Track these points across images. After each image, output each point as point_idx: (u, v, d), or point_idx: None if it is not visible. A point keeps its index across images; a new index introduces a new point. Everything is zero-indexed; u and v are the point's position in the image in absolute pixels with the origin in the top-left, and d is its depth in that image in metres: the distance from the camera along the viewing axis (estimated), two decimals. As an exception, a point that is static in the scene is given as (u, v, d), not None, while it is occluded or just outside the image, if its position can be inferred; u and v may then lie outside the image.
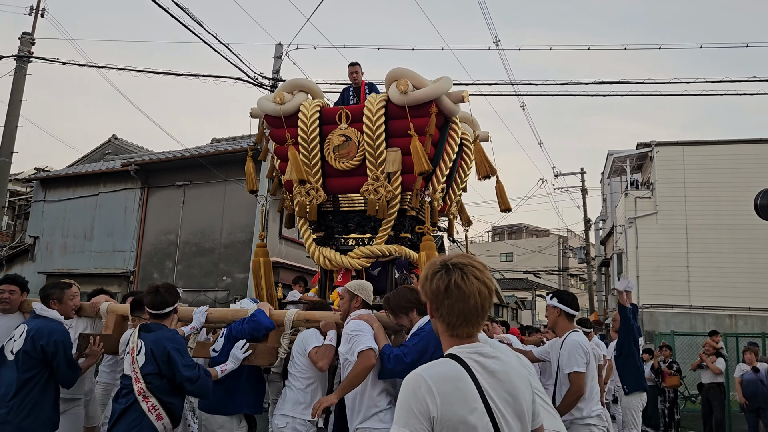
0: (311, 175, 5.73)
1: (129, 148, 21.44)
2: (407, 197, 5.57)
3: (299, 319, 4.11)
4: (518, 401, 1.67)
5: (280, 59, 11.89)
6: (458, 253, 1.84)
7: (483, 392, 1.61)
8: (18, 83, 10.89)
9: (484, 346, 1.73)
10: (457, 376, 1.62)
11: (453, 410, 1.56)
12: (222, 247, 14.64)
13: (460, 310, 1.69)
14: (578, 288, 48.78)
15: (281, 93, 5.93)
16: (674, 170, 19.17)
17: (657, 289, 18.47)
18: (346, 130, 5.64)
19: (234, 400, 3.93)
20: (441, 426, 1.56)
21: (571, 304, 4.08)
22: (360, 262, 5.53)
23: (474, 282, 1.70)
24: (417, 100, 5.36)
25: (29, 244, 17.75)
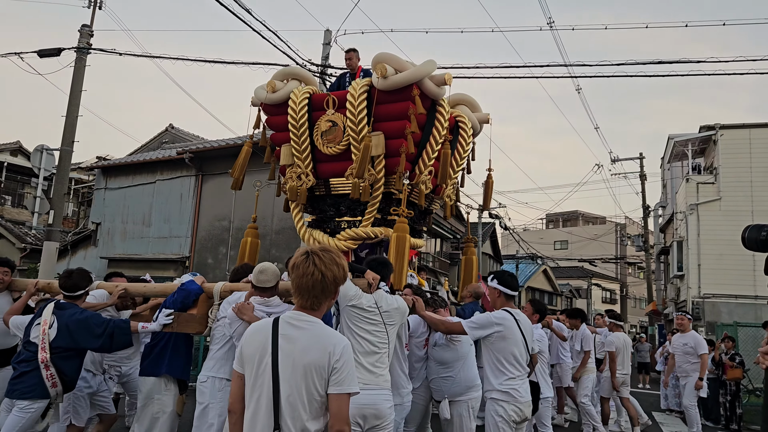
0: (301, 160, 5.91)
1: (185, 137, 21.98)
2: (392, 180, 5.62)
3: (226, 290, 4.29)
4: (300, 358, 2.12)
5: (329, 45, 11.89)
6: (322, 245, 2.35)
7: (275, 340, 2.16)
8: (78, 74, 11.26)
9: (304, 316, 2.21)
10: (261, 328, 2.24)
11: (249, 347, 2.21)
12: (273, 233, 14.86)
13: (297, 284, 2.20)
14: (636, 277, 47.44)
15: (273, 81, 6.14)
16: (740, 154, 18.28)
17: (720, 278, 17.71)
18: (333, 115, 5.81)
19: (162, 363, 4.29)
20: (244, 357, 2.21)
21: (509, 285, 4.17)
22: (347, 244, 5.67)
23: (310, 266, 2.17)
24: (397, 84, 5.46)
25: (92, 230, 18.47)
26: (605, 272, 45.55)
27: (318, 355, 2.12)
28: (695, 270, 18.39)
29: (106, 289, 4.85)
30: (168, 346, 4.33)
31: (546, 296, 40.32)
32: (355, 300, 3.63)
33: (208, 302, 4.35)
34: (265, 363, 2.14)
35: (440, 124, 5.90)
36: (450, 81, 5.74)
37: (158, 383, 4.28)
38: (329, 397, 2.12)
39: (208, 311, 4.31)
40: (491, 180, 6.65)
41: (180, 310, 4.26)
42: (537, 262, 37.40)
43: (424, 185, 5.89)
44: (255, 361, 2.16)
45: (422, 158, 5.86)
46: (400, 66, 5.53)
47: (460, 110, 6.43)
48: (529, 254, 34.25)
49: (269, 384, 2.11)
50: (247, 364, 2.19)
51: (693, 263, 18.46)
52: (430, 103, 5.84)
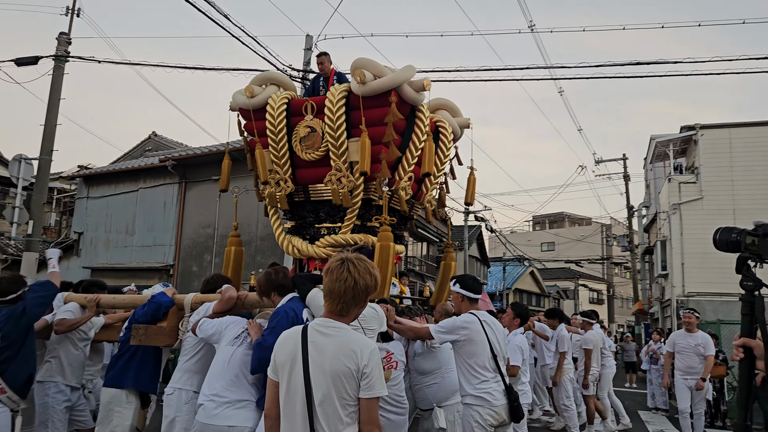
0: (280, 166, 5.85)
1: (168, 145, 21.84)
2: (372, 186, 5.60)
3: (197, 302, 4.22)
4: (329, 365, 2.18)
5: (310, 51, 11.87)
6: (357, 255, 2.34)
7: (305, 348, 2.22)
8: (56, 82, 11.14)
9: (331, 322, 2.26)
10: (291, 336, 2.31)
11: (281, 355, 2.29)
12: (258, 240, 14.78)
13: (329, 289, 2.24)
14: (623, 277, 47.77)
15: (251, 87, 6.06)
16: (720, 153, 18.48)
17: (703, 277, 17.86)
18: (312, 121, 5.75)
19: (127, 375, 4.20)
20: (276, 365, 2.30)
21: (472, 288, 4.14)
22: (326, 251, 5.62)
23: (344, 273, 2.22)
24: (375, 90, 5.42)
25: (74, 239, 18.27)
26: (592, 273, 45.84)
27: (347, 361, 2.18)
28: (679, 269, 18.54)
29: (77, 301, 4.76)
30: (135, 357, 4.24)
31: (534, 298, 40.50)
32: None
33: (179, 314, 4.27)
34: (296, 370, 2.21)
35: (420, 129, 5.88)
36: (429, 86, 5.72)
37: (119, 395, 4.19)
38: (360, 402, 2.19)
39: (179, 323, 4.22)
40: (473, 177, 6.62)
41: (150, 322, 4.17)
42: (524, 264, 37.56)
43: (404, 191, 5.85)
44: (287, 369, 2.24)
45: (402, 164, 5.83)
46: (379, 71, 5.50)
47: (440, 115, 6.41)
48: (516, 256, 34.39)
49: (302, 391, 2.18)
50: (280, 371, 2.27)
51: (677, 262, 18.61)
52: (410, 109, 5.82)
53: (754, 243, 2.22)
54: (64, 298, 4.82)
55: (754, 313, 2.20)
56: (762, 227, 2.21)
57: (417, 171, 6.09)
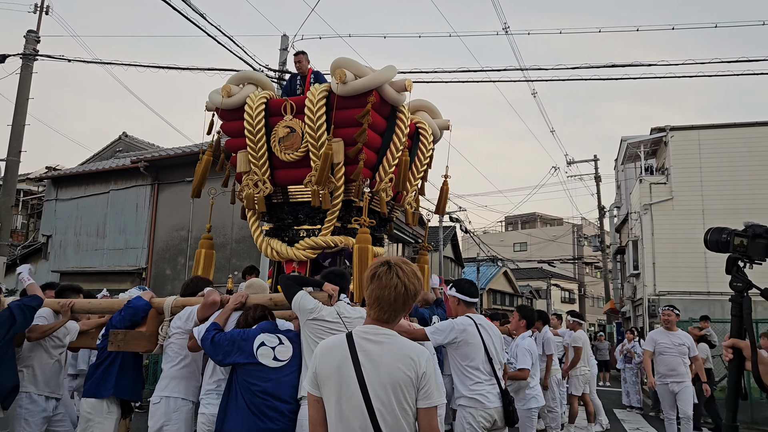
0: (258, 167, 5.78)
1: (139, 146, 21.47)
2: (352, 188, 5.56)
3: (177, 305, 4.12)
4: (388, 375, 2.03)
5: (286, 51, 11.78)
6: (401, 257, 2.26)
7: (355, 358, 2.06)
8: (24, 82, 10.86)
9: (379, 329, 2.12)
10: (336, 345, 2.13)
11: (325, 367, 2.09)
12: (234, 242, 14.60)
13: (377, 296, 2.10)
14: (594, 276, 48.44)
15: (228, 86, 5.96)
16: (690, 155, 18.86)
17: (674, 275, 18.22)
18: (291, 121, 5.67)
19: (107, 383, 4.07)
20: (319, 378, 2.10)
21: (468, 292, 4.19)
22: (306, 253, 5.55)
23: (393, 278, 2.09)
24: (356, 90, 5.37)
25: (42, 242, 17.83)
26: (564, 273, 46.40)
27: (406, 369, 2.05)
28: (650, 268, 18.86)
29: (50, 306, 4.56)
30: (114, 364, 4.11)
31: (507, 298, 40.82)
32: (316, 313, 3.52)
33: (158, 318, 4.13)
34: (347, 382, 2.05)
35: (400, 130, 5.85)
36: (410, 87, 5.69)
37: (99, 405, 4.06)
38: (419, 412, 2.06)
39: (158, 328, 4.09)
40: (446, 186, 6.65)
41: (128, 327, 4.04)
42: (497, 264, 37.83)
43: (385, 193, 5.82)
44: (335, 382, 2.06)
45: (382, 165, 5.79)
46: (360, 71, 5.45)
47: (420, 116, 6.39)
48: (490, 257, 34.62)
49: (360, 404, 2.02)
50: (325, 385, 2.09)
51: (648, 262, 18.93)
52: (390, 110, 5.79)
53: (742, 244, 2.24)
54: None
55: (743, 313, 2.22)
56: (751, 228, 2.23)
57: (397, 172, 6.06)
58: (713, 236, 2.30)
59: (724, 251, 2.28)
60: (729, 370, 2.25)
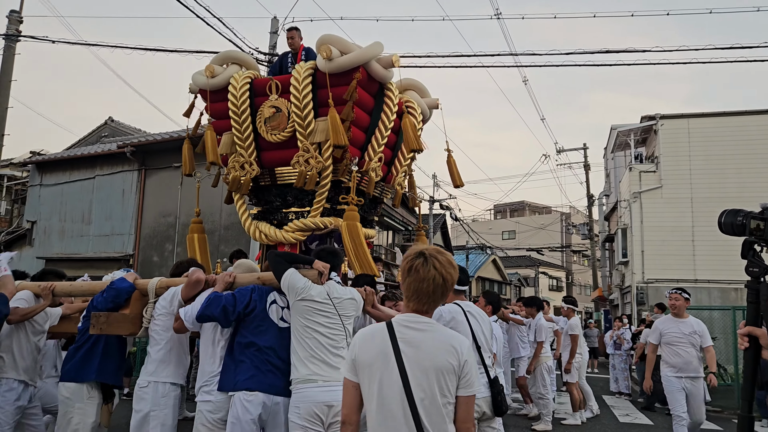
0: (244, 149, 5.63)
1: (126, 131, 21.14)
2: (341, 168, 5.43)
3: (162, 287, 4.00)
4: (429, 361, 2.06)
5: (276, 34, 11.57)
6: (434, 247, 2.21)
7: (396, 345, 2.08)
8: (7, 63, 10.60)
9: (420, 318, 2.14)
10: (376, 332, 2.16)
11: (365, 354, 2.13)
12: (222, 229, 14.44)
13: (416, 288, 2.11)
14: (581, 264, 48.74)
15: (212, 66, 5.79)
16: (679, 143, 18.91)
17: (662, 263, 18.32)
18: (277, 101, 5.51)
19: (89, 367, 3.94)
20: (359, 364, 2.13)
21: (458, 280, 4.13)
22: (295, 236, 5.44)
23: (430, 269, 2.08)
24: (342, 67, 5.22)
25: (27, 228, 17.55)
26: (552, 261, 46.65)
27: (448, 357, 2.08)
28: (639, 256, 18.95)
29: (30, 289, 4.40)
30: (97, 348, 3.97)
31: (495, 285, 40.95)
32: (304, 292, 3.44)
33: (142, 300, 4.00)
34: (389, 369, 2.07)
35: (389, 108, 5.70)
36: (398, 62, 5.51)
37: (80, 390, 3.90)
38: (458, 400, 2.09)
39: (143, 310, 3.96)
40: (452, 159, 6.47)
41: (111, 310, 3.90)
42: (486, 252, 37.92)
43: (374, 172, 5.68)
44: (375, 368, 2.09)
45: (371, 145, 5.66)
46: (346, 48, 5.29)
47: (408, 95, 6.23)
48: (479, 244, 34.68)
49: (400, 390, 2.04)
50: (365, 371, 2.12)
51: (637, 250, 19.02)
52: (378, 87, 5.64)
53: (759, 227, 2.15)
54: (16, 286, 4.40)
55: (759, 300, 2.14)
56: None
57: (387, 152, 5.93)
58: (728, 219, 2.20)
59: (739, 234, 2.19)
60: (745, 359, 2.17)
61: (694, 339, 5.75)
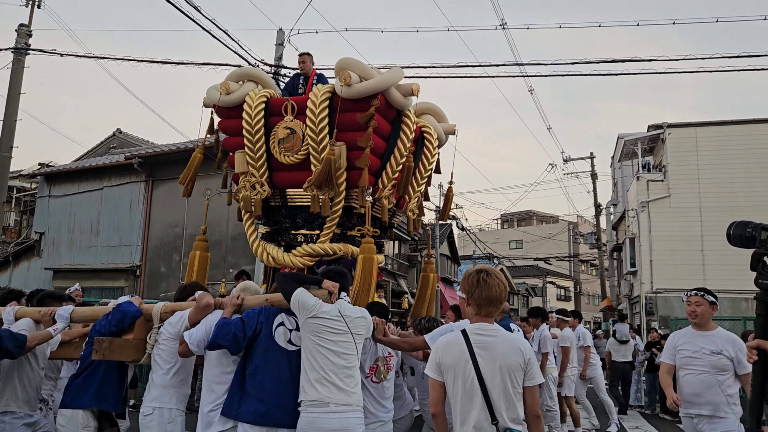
0: (256, 168, 5.54)
1: (134, 142, 21.30)
2: (353, 194, 5.35)
3: (167, 311, 3.90)
4: (501, 361, 2.59)
5: (282, 46, 11.63)
6: (483, 265, 2.84)
7: (471, 350, 2.61)
8: (16, 76, 10.70)
9: (488, 326, 2.68)
10: (454, 341, 2.69)
11: (447, 358, 2.67)
12: (229, 239, 14.47)
13: (487, 296, 2.64)
14: (589, 274, 48.46)
15: (227, 83, 5.70)
16: (687, 152, 18.82)
17: (671, 273, 18.17)
18: (292, 122, 5.41)
19: (85, 393, 3.78)
20: (443, 366, 2.67)
21: None
22: (303, 260, 5.32)
23: (494, 279, 2.66)
24: (361, 93, 5.13)
25: (35, 240, 17.65)
26: (559, 270, 46.41)
27: (515, 356, 2.61)
28: (648, 266, 18.82)
29: (30, 316, 4.24)
30: (96, 373, 3.81)
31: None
32: (316, 310, 3.38)
33: (146, 326, 3.89)
34: (468, 369, 2.59)
35: (405, 135, 5.62)
36: (418, 92, 5.43)
37: (74, 418, 3.72)
38: (525, 390, 2.62)
39: (147, 336, 3.85)
40: (451, 193, 6.46)
41: (114, 334, 3.79)
42: (493, 261, 37.79)
43: (387, 200, 5.61)
44: (458, 369, 2.62)
45: (386, 171, 5.58)
46: (365, 73, 5.20)
47: (425, 120, 6.14)
48: (486, 254, 34.57)
49: (478, 386, 2.56)
50: (448, 372, 2.65)
51: (645, 259, 18.89)
52: (396, 114, 5.57)
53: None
54: (14, 313, 4.28)
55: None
56: None
57: (400, 179, 5.87)
58: (737, 231, 2.17)
59: (748, 246, 2.15)
60: (753, 372, 2.14)
61: (722, 361, 3.96)
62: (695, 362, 4.08)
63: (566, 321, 8.33)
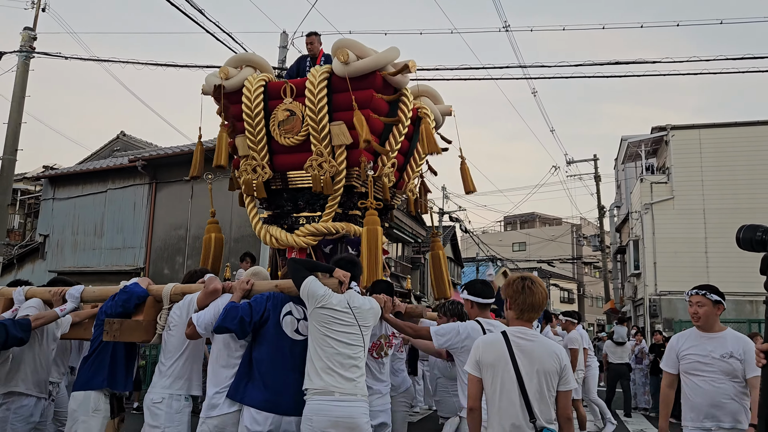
0: (257, 152, 5.57)
1: (137, 145, 21.33)
2: (354, 173, 5.38)
3: (176, 293, 3.91)
4: (539, 364, 2.73)
5: (286, 49, 11.65)
6: (526, 273, 2.94)
7: (512, 351, 2.75)
8: (20, 79, 10.74)
9: (528, 330, 2.82)
10: (495, 341, 2.84)
11: (487, 357, 2.80)
12: (232, 241, 14.46)
13: (530, 302, 2.80)
14: (593, 276, 48.35)
15: (226, 68, 5.73)
16: (690, 154, 18.77)
17: (675, 275, 18.11)
18: (291, 104, 5.44)
19: (98, 375, 3.81)
20: (483, 364, 2.80)
21: (480, 293, 4.02)
22: (306, 240, 5.35)
23: (537, 287, 2.83)
24: (359, 71, 5.17)
25: (39, 242, 17.68)
26: (563, 272, 46.31)
27: (552, 361, 2.76)
28: (651, 268, 18.77)
29: (40, 295, 4.31)
30: (106, 354, 3.83)
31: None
32: (325, 300, 3.41)
33: (156, 307, 3.90)
34: (507, 370, 2.73)
35: (404, 114, 5.66)
36: (414, 68, 5.44)
37: (86, 401, 3.75)
38: (559, 394, 2.77)
39: (157, 317, 3.86)
40: (465, 165, 6.40)
41: (122, 314, 3.80)
42: (497, 264, 37.73)
43: (387, 178, 5.64)
44: (497, 368, 2.76)
45: (384, 150, 5.59)
46: (362, 52, 5.24)
47: (422, 102, 6.19)
48: (489, 256, 34.52)
49: (517, 387, 2.70)
50: (487, 370, 2.79)
51: (649, 261, 18.84)
52: (393, 93, 5.59)
53: None
54: (25, 293, 4.37)
55: None
56: None
57: (399, 158, 5.89)
58: (746, 234, 2.16)
59: (758, 250, 2.14)
60: (762, 376, 2.13)
61: (733, 365, 3.53)
62: (705, 368, 3.59)
63: (574, 323, 8.34)
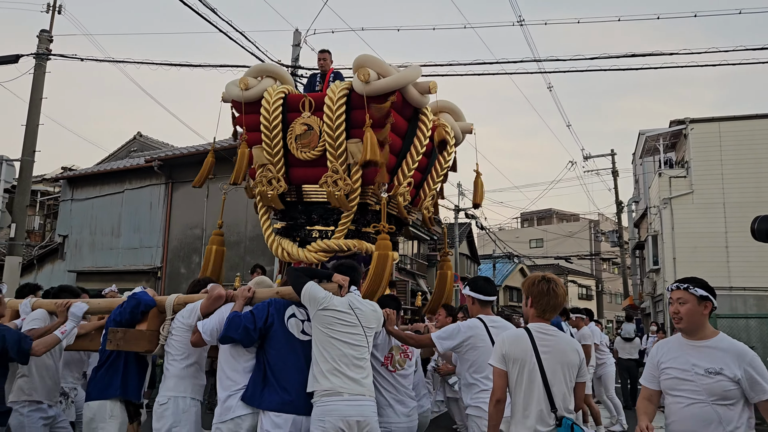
0: (273, 164, 5.58)
1: (154, 145, 21.52)
2: (369, 191, 5.37)
3: (179, 303, 3.95)
4: (561, 358, 2.97)
5: (299, 47, 11.65)
6: (547, 273, 3.12)
7: (535, 346, 2.95)
8: (38, 81, 10.86)
9: (549, 327, 3.04)
10: (520, 336, 3.03)
11: (513, 351, 2.98)
12: (248, 240, 14.55)
13: (553, 304, 3.03)
14: (611, 272, 47.93)
15: (246, 78, 5.74)
16: (710, 147, 18.47)
17: (694, 271, 17.78)
18: (309, 118, 5.45)
19: (112, 383, 3.89)
20: (508, 358, 2.98)
21: (483, 290, 4.00)
22: (317, 256, 5.35)
23: (560, 288, 3.05)
24: (379, 90, 5.14)
25: (59, 243, 17.92)
26: (581, 269, 45.96)
27: (572, 355, 3.00)
28: (671, 263, 18.52)
29: (45, 307, 4.34)
30: (119, 364, 3.90)
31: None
32: (326, 302, 3.44)
33: (160, 317, 3.96)
34: (532, 364, 2.93)
35: (422, 133, 5.65)
36: (435, 89, 5.46)
37: (102, 409, 3.81)
38: (577, 385, 3.01)
39: (160, 327, 3.92)
40: (480, 180, 6.42)
41: (128, 322, 3.87)
42: (513, 261, 37.53)
43: (402, 197, 5.63)
44: (522, 362, 2.95)
45: (402, 169, 5.62)
46: (384, 71, 5.22)
47: (442, 118, 6.13)
48: (506, 253, 34.34)
49: (539, 379, 2.90)
50: (513, 364, 2.97)
51: (668, 257, 18.59)
52: (413, 112, 5.60)
53: None
54: (31, 304, 4.41)
55: None
56: None
57: (417, 176, 5.88)
58: (762, 225, 2.11)
59: None
60: None
61: (721, 384, 2.75)
62: (684, 386, 2.84)
63: (584, 319, 8.28)
